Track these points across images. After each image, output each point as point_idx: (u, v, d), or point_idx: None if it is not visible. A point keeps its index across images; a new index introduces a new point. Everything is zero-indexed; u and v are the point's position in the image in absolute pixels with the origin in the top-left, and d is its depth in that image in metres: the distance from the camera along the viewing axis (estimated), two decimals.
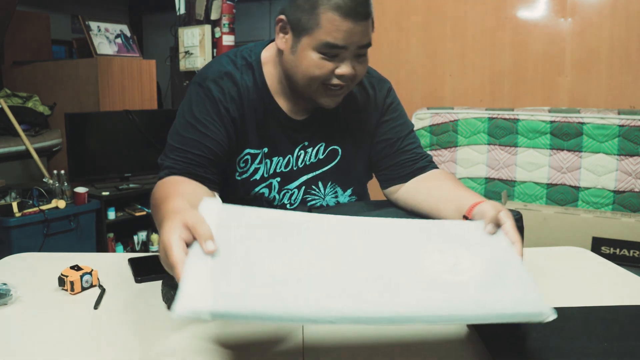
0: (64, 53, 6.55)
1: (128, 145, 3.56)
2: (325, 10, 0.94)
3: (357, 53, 0.99)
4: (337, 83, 1.00)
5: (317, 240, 0.74)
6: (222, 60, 1.11)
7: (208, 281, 0.62)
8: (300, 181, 1.16)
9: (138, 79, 4.00)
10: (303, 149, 1.14)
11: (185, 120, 1.06)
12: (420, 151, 1.16)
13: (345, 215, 0.99)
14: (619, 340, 0.80)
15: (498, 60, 2.99)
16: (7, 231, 2.77)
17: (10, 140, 3.48)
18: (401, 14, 3.19)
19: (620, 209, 2.47)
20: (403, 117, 1.19)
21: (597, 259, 1.22)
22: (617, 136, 2.44)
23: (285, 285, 0.64)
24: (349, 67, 0.99)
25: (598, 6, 2.74)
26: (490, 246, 0.77)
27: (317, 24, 0.95)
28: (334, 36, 0.95)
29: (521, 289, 0.68)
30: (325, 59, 0.97)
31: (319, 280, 0.66)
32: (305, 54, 0.98)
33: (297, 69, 1.01)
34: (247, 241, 0.71)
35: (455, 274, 0.69)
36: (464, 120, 2.74)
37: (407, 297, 0.64)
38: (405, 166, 1.14)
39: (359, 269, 0.69)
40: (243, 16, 6.28)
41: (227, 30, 3.86)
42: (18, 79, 4.12)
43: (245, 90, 1.08)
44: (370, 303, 0.63)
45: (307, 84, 1.01)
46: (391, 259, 0.72)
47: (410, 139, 1.16)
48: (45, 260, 1.18)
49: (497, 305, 0.64)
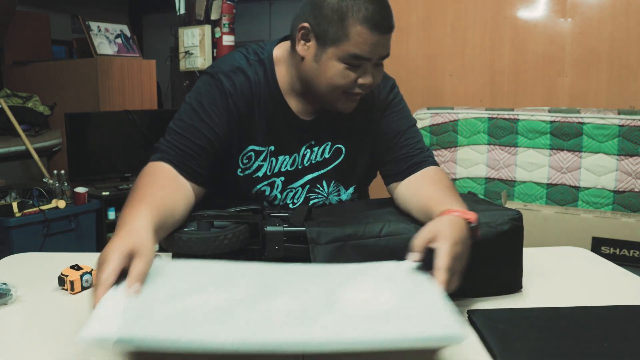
0: (64, 53, 6.55)
1: (128, 145, 3.56)
2: (354, 22, 0.96)
3: (378, 62, 1.03)
4: (358, 92, 1.03)
5: (242, 280, 0.76)
6: (235, 55, 1.11)
7: (120, 312, 0.64)
8: (305, 180, 1.16)
9: (138, 79, 4.01)
10: (309, 147, 1.14)
11: (190, 108, 1.05)
12: (419, 146, 1.15)
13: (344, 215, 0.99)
14: (618, 341, 0.80)
15: (498, 60, 2.99)
16: (7, 231, 2.77)
17: (10, 140, 3.48)
18: (401, 14, 3.19)
19: (620, 209, 2.47)
20: (404, 112, 1.19)
21: (597, 259, 1.22)
22: (617, 136, 2.44)
23: (197, 315, 0.66)
24: (369, 77, 1.02)
25: (598, 6, 2.74)
26: (411, 279, 0.80)
27: (346, 35, 0.97)
28: (362, 48, 0.97)
29: (435, 315, 0.70)
30: (349, 69, 1.00)
31: (233, 313, 0.67)
32: (330, 64, 1.00)
33: (320, 78, 1.02)
34: (171, 286, 0.73)
35: (371, 306, 0.71)
36: (464, 120, 2.74)
37: (320, 327, 0.66)
38: (402, 162, 1.14)
39: (275, 303, 0.70)
40: (243, 16, 6.28)
41: (227, 30, 3.86)
42: (18, 79, 4.12)
43: (256, 87, 1.08)
44: (281, 332, 0.64)
45: (329, 92, 1.03)
46: (310, 296, 0.74)
47: (410, 133, 1.16)
48: (45, 260, 1.18)
49: (411, 331, 0.66)
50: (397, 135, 1.15)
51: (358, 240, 0.93)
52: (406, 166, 1.13)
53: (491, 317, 0.86)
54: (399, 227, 0.96)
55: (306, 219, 0.95)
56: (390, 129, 1.16)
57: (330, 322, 0.67)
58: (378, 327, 0.66)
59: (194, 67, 3.92)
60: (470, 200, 1.09)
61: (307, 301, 0.72)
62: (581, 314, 0.90)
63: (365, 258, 0.93)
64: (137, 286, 0.69)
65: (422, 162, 1.13)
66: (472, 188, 2.75)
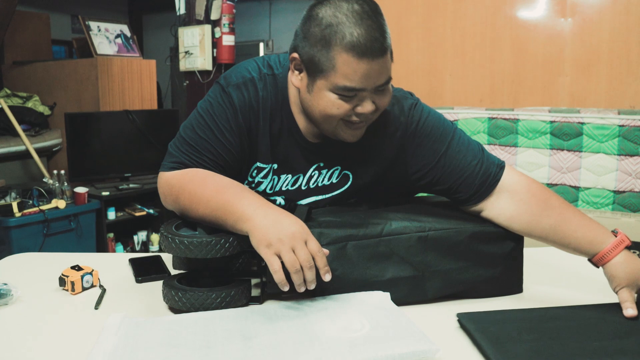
0: (64, 53, 6.55)
1: (128, 145, 3.56)
2: (339, 51, 0.87)
3: (378, 89, 0.93)
4: (357, 120, 0.95)
5: (219, 327, 0.81)
6: (249, 66, 1.05)
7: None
8: (306, 202, 1.09)
9: (138, 79, 4.00)
10: (318, 169, 1.08)
11: (203, 120, 1.02)
12: (469, 158, 1.03)
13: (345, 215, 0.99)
14: (609, 339, 0.80)
15: (498, 60, 2.99)
16: (7, 231, 2.77)
17: (10, 140, 3.48)
18: (401, 14, 3.19)
19: (620, 209, 2.47)
20: (436, 130, 1.05)
21: None
22: (617, 136, 2.44)
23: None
24: (369, 105, 0.93)
25: (598, 6, 2.74)
26: (378, 308, 0.87)
27: (333, 66, 0.89)
28: (351, 79, 0.88)
29: (408, 333, 0.77)
30: (342, 99, 0.92)
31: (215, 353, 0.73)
32: (322, 95, 0.93)
33: (314, 108, 0.95)
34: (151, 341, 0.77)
35: (346, 333, 0.78)
36: (464, 120, 2.74)
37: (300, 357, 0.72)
38: (467, 186, 1.02)
39: (256, 342, 0.76)
40: (243, 16, 6.28)
41: (227, 30, 3.86)
42: (18, 79, 4.12)
43: (264, 102, 1.03)
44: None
45: (325, 122, 0.96)
46: (288, 334, 0.79)
47: (452, 150, 1.03)
48: (45, 260, 1.18)
49: (388, 349, 0.72)
50: (440, 159, 1.03)
51: (359, 240, 0.93)
52: (475, 191, 1.02)
53: (481, 320, 0.86)
54: (400, 227, 0.96)
55: (306, 220, 0.95)
56: (428, 156, 1.04)
57: (314, 353, 0.72)
58: (359, 351, 0.72)
59: (194, 67, 3.92)
60: None
61: (287, 337, 0.77)
62: (572, 313, 0.90)
63: (366, 258, 0.93)
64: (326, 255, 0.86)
65: (497, 173, 1.03)
66: None
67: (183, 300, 0.87)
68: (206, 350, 0.73)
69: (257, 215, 0.87)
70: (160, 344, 0.75)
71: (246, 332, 0.78)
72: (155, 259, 1.16)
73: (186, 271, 0.98)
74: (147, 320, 0.83)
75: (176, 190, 0.97)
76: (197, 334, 0.77)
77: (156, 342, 0.76)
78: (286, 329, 0.79)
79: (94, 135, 3.48)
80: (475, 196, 1.02)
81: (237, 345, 0.74)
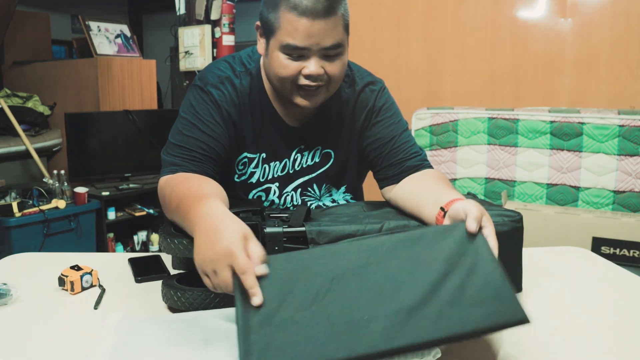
0: (64, 53, 6.55)
1: (128, 145, 3.56)
2: (284, 11, 0.94)
3: (326, 53, 0.98)
4: (306, 83, 0.99)
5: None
6: (221, 65, 1.11)
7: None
8: (296, 184, 1.17)
9: (138, 79, 4.00)
10: (300, 152, 1.15)
11: (187, 121, 1.06)
12: (414, 150, 1.15)
13: (343, 215, 0.98)
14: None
15: (498, 60, 2.99)
16: (7, 231, 2.77)
17: (10, 140, 3.48)
18: (401, 14, 3.19)
19: (620, 209, 2.47)
20: (396, 116, 1.18)
21: (597, 259, 1.22)
22: (617, 136, 2.44)
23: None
24: (315, 67, 0.97)
25: (598, 6, 2.74)
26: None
27: (279, 25, 0.96)
28: (293, 36, 0.94)
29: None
30: (290, 59, 0.97)
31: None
32: (273, 56, 0.99)
33: (269, 71, 1.02)
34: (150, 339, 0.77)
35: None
36: (464, 120, 2.74)
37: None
38: (397, 166, 1.13)
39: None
40: (243, 16, 6.27)
41: (227, 30, 3.86)
42: (18, 79, 4.12)
43: (243, 96, 1.09)
44: None
45: (279, 85, 1.02)
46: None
47: (403, 138, 1.15)
48: (45, 260, 1.18)
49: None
50: (391, 140, 1.14)
51: (358, 238, 0.93)
52: (402, 169, 1.13)
53: None
54: (400, 224, 0.96)
55: (306, 219, 0.95)
56: (384, 134, 1.15)
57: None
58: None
59: (194, 67, 3.91)
60: None
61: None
62: None
63: None
64: (263, 267, 0.70)
65: (419, 165, 1.14)
66: (472, 188, 2.75)
67: (182, 299, 0.87)
68: (204, 348, 0.73)
69: (196, 231, 0.79)
70: (160, 342, 0.75)
71: None
72: (154, 259, 1.16)
73: (185, 271, 0.98)
74: (147, 319, 0.83)
75: (169, 193, 0.97)
76: (196, 333, 0.78)
77: (155, 340, 0.76)
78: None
79: (94, 135, 3.48)
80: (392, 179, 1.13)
81: (235, 343, 0.74)
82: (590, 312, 0.94)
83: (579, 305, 0.96)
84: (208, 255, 0.73)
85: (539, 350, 0.80)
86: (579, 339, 0.84)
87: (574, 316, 0.92)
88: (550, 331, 0.85)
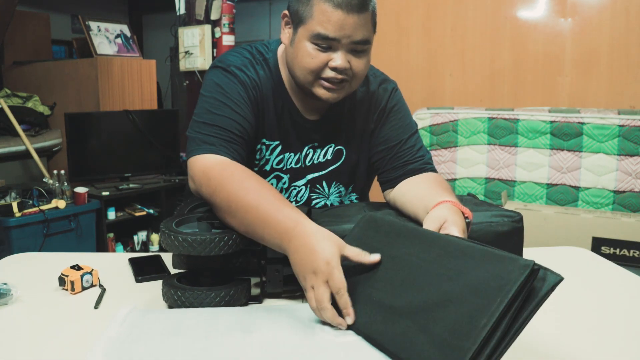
0: (64, 53, 6.54)
1: (128, 145, 3.56)
2: (319, 1, 0.95)
3: (354, 48, 0.99)
4: (331, 76, 1.00)
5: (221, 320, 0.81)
6: (239, 52, 1.11)
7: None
8: (307, 179, 1.17)
9: (138, 79, 4.00)
10: (312, 148, 1.15)
11: (215, 100, 1.03)
12: (420, 154, 1.15)
13: (344, 215, 0.98)
14: None
15: (498, 60, 2.99)
16: (7, 231, 2.77)
17: (10, 140, 3.48)
18: (401, 14, 3.19)
19: (620, 209, 2.47)
20: (405, 119, 1.18)
21: (597, 259, 1.22)
22: (617, 136, 2.44)
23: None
24: (342, 60, 0.98)
25: (598, 6, 2.74)
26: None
27: (311, 14, 0.96)
28: (325, 27, 0.95)
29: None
30: (318, 49, 0.98)
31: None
32: (301, 45, 0.99)
33: (294, 60, 1.02)
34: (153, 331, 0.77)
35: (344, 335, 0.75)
36: (464, 120, 2.74)
37: None
38: (399, 169, 1.14)
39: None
40: (243, 16, 6.28)
41: (227, 30, 3.86)
42: (18, 79, 4.12)
43: (265, 81, 1.09)
44: None
45: (303, 75, 1.02)
46: None
47: (410, 142, 1.15)
48: (45, 260, 1.18)
49: None
50: (398, 144, 1.14)
51: None
52: (404, 172, 1.13)
53: None
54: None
55: None
56: (391, 137, 1.15)
57: (314, 350, 0.71)
58: (354, 349, 0.72)
59: (194, 67, 3.91)
60: (470, 202, 1.09)
61: (287, 333, 0.76)
62: None
63: None
64: (376, 255, 0.78)
65: (421, 169, 1.13)
66: (472, 188, 2.75)
67: (182, 299, 0.87)
68: (205, 341, 0.73)
69: (291, 244, 0.81)
70: (161, 333, 0.76)
71: (247, 327, 0.78)
72: (154, 259, 1.16)
73: (186, 270, 0.98)
74: (153, 311, 0.84)
75: (214, 185, 0.92)
76: (199, 325, 0.78)
77: (157, 331, 0.76)
78: (287, 326, 0.79)
79: (94, 135, 3.48)
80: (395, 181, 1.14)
81: (236, 338, 0.74)
82: (590, 312, 0.94)
83: (579, 305, 0.96)
84: (311, 267, 0.77)
85: (539, 350, 0.80)
86: (579, 339, 0.84)
87: (573, 316, 0.92)
88: (550, 331, 0.85)
